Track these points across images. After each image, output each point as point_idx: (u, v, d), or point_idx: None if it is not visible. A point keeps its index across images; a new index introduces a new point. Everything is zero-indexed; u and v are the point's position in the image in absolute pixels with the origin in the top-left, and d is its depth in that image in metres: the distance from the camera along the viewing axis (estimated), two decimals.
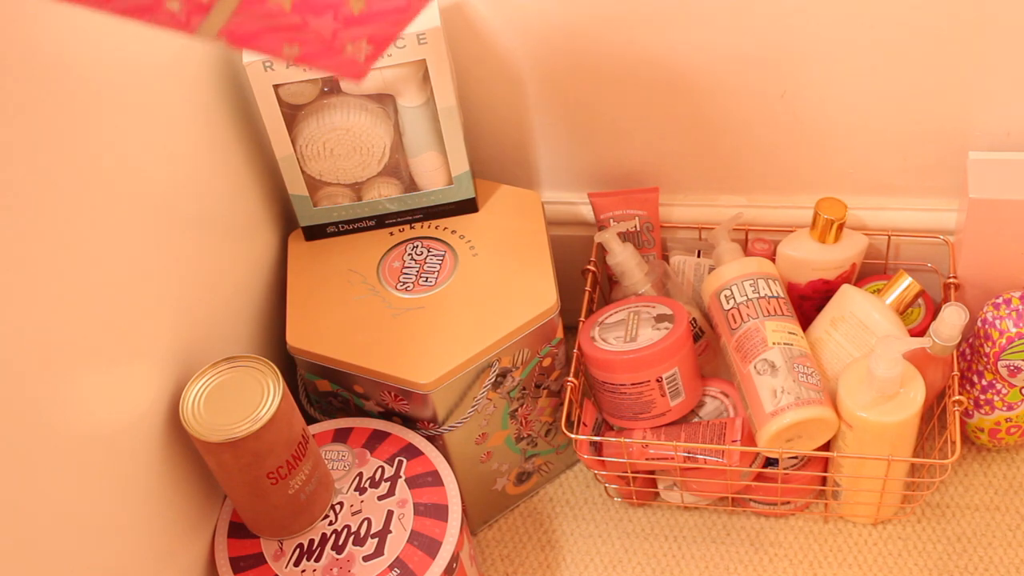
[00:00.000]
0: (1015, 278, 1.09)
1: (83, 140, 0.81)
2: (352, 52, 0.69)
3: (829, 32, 1.01)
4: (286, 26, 0.66)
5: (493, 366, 1.04)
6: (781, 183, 1.16)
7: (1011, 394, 1.10)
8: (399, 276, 1.08)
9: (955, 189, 1.12)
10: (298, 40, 0.67)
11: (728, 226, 1.13)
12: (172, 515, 0.92)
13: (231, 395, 0.90)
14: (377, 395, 1.05)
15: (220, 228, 1.02)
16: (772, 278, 1.09)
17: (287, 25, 0.66)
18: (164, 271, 0.92)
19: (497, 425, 1.10)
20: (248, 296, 1.08)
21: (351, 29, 0.68)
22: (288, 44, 0.68)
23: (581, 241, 1.21)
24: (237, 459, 0.89)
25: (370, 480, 1.02)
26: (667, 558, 1.16)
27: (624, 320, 1.08)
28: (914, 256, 1.16)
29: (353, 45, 0.69)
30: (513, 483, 1.18)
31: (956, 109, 1.06)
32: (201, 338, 0.97)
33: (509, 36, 1.07)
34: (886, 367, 0.98)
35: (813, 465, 1.11)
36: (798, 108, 1.08)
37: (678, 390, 1.06)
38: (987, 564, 1.12)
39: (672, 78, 1.08)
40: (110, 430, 0.83)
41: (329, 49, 0.68)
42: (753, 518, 1.18)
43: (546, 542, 1.19)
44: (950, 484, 1.17)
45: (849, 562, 1.14)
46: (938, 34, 1.00)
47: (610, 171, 1.17)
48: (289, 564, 0.97)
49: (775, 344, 1.04)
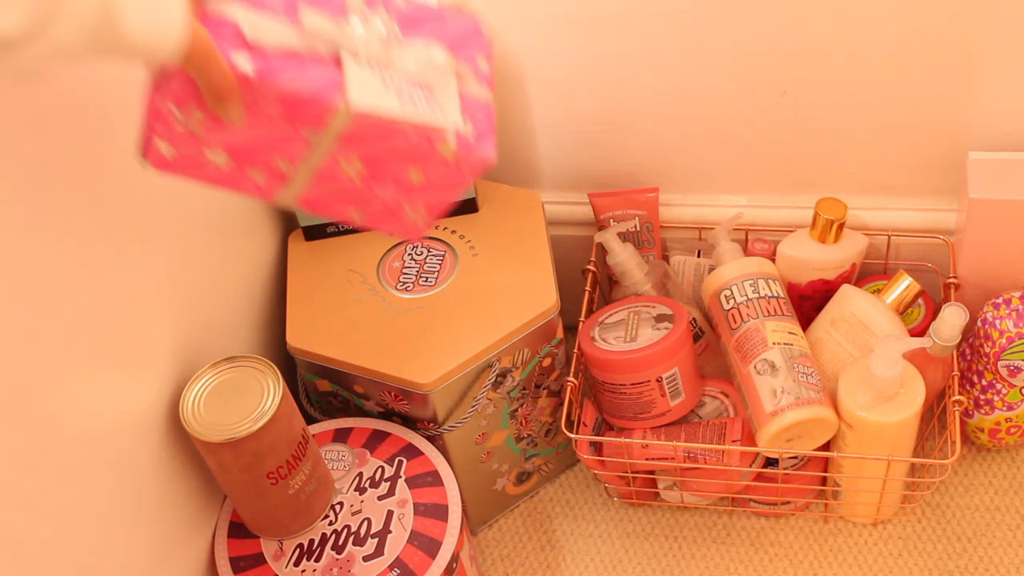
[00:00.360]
0: (1015, 278, 1.09)
1: (83, 139, 0.81)
2: (411, 216, 0.76)
3: (829, 32, 1.01)
4: (354, 195, 0.75)
5: (493, 366, 1.04)
6: (781, 183, 1.16)
7: (1011, 394, 1.10)
8: (399, 276, 1.08)
9: (955, 189, 1.12)
10: (365, 207, 0.75)
11: (728, 226, 1.13)
12: (172, 515, 0.92)
13: (231, 395, 0.90)
14: (377, 395, 1.05)
15: (220, 228, 1.02)
16: (772, 278, 1.09)
17: (355, 195, 0.75)
18: (164, 271, 0.92)
19: (497, 425, 1.10)
20: (248, 296, 1.08)
21: (411, 197, 0.75)
22: (355, 209, 0.75)
23: (581, 241, 1.21)
24: (237, 459, 0.89)
25: (370, 480, 1.02)
26: (667, 558, 1.16)
27: (624, 320, 1.08)
28: (914, 256, 1.16)
29: (412, 210, 0.77)
30: (513, 483, 1.18)
31: (956, 109, 1.06)
32: (201, 338, 0.97)
33: (509, 36, 1.07)
34: (886, 367, 0.98)
35: (813, 465, 1.11)
36: (798, 107, 1.08)
37: (678, 390, 1.06)
38: (987, 564, 1.12)
39: (672, 78, 1.08)
40: (110, 430, 0.83)
41: (391, 214, 0.76)
42: (753, 518, 1.18)
43: (546, 542, 1.19)
44: (950, 484, 1.17)
45: (849, 562, 1.14)
46: (938, 34, 1.00)
47: (610, 171, 1.17)
48: (289, 564, 0.97)
49: (775, 344, 1.04)
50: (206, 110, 0.69)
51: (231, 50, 0.67)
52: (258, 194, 0.75)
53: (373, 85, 0.70)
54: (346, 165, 0.73)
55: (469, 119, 0.73)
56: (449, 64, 0.73)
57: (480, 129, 0.74)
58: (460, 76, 0.74)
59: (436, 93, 0.72)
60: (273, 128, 0.70)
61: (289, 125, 0.70)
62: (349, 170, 0.74)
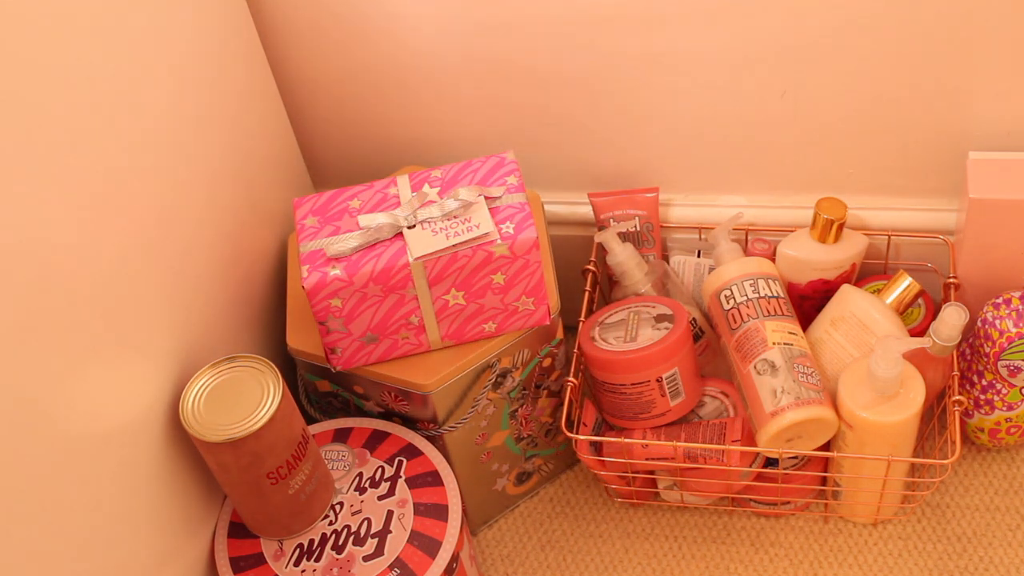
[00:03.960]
0: (1015, 278, 1.09)
1: (83, 139, 0.81)
2: (524, 306, 1.00)
3: (829, 32, 1.01)
4: (475, 316, 0.99)
5: (493, 367, 1.04)
6: (781, 183, 1.16)
7: (1011, 394, 1.10)
8: None
9: (955, 189, 1.12)
10: (490, 319, 1.00)
11: (728, 226, 1.13)
12: (172, 515, 0.92)
13: (231, 395, 0.90)
14: (377, 395, 1.05)
15: (220, 228, 1.02)
16: (772, 278, 1.09)
17: (475, 315, 0.99)
18: (164, 271, 0.92)
19: (497, 425, 1.10)
20: (248, 296, 1.08)
21: (509, 296, 0.98)
22: (486, 325, 1.01)
23: (581, 241, 1.21)
24: (237, 459, 0.89)
25: (370, 480, 1.02)
26: (667, 558, 1.16)
27: (624, 320, 1.08)
28: (914, 256, 1.16)
29: (522, 306, 1.00)
30: (513, 483, 1.18)
31: (956, 109, 1.06)
32: (201, 338, 0.98)
33: (509, 35, 1.07)
34: (886, 367, 0.98)
35: (813, 465, 1.11)
36: (798, 108, 1.08)
37: (678, 390, 1.06)
38: (987, 564, 1.12)
39: (672, 78, 1.08)
40: (110, 430, 0.83)
41: (512, 314, 1.00)
42: (753, 518, 1.18)
43: (546, 542, 1.19)
44: (950, 484, 1.17)
45: (849, 562, 1.14)
46: (938, 34, 1.00)
47: (610, 171, 1.17)
48: (289, 564, 0.97)
49: (775, 344, 1.04)
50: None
51: (327, 268, 0.94)
52: (414, 349, 1.01)
53: (426, 238, 0.94)
54: (451, 299, 0.97)
55: (509, 220, 0.95)
56: (478, 196, 0.96)
57: (519, 224, 0.95)
58: (489, 198, 0.97)
59: (474, 217, 0.95)
60: (386, 304, 0.96)
61: (393, 293, 0.95)
62: (454, 301, 0.97)
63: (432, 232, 0.95)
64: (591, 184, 1.19)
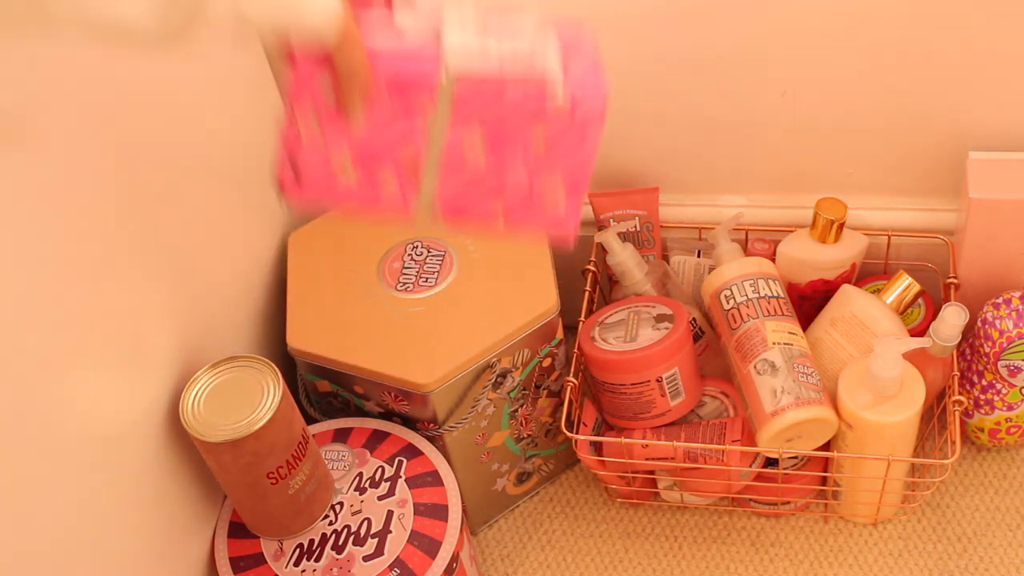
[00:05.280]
0: (1015, 278, 1.09)
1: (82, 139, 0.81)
2: (552, 207, 0.74)
3: (829, 32, 1.01)
4: (488, 185, 0.74)
5: (493, 366, 1.04)
6: (781, 183, 1.16)
7: (1011, 394, 1.10)
8: (399, 276, 1.08)
9: (955, 189, 1.12)
10: (503, 198, 0.74)
11: (728, 226, 1.13)
12: (172, 515, 0.92)
13: (231, 395, 0.90)
14: (377, 396, 1.05)
15: (220, 228, 1.02)
16: (772, 278, 1.09)
17: (489, 185, 0.74)
18: (164, 271, 0.92)
19: (497, 425, 1.10)
20: (248, 296, 1.08)
21: (543, 177, 0.73)
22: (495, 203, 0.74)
23: (581, 241, 1.21)
24: (237, 459, 0.89)
25: (370, 480, 1.02)
26: (667, 558, 1.16)
27: (624, 320, 1.08)
28: (914, 256, 1.16)
29: (551, 199, 0.74)
30: (513, 483, 1.18)
31: (956, 109, 1.06)
32: (201, 338, 0.97)
33: None
34: (886, 367, 0.98)
35: (813, 465, 1.11)
36: (798, 108, 1.08)
37: (678, 390, 1.06)
38: (987, 564, 1.12)
39: (672, 78, 1.08)
40: (110, 430, 0.83)
41: (532, 205, 0.74)
42: (753, 518, 1.18)
43: (546, 542, 1.19)
44: (950, 484, 1.17)
45: (849, 562, 1.14)
46: (938, 34, 1.00)
47: (610, 171, 1.17)
48: (289, 564, 0.97)
49: (775, 344, 1.04)
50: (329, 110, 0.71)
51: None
52: (395, 207, 0.75)
53: (471, 51, 0.70)
54: (468, 142, 0.72)
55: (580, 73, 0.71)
56: (544, 26, 0.72)
57: (593, 82, 0.72)
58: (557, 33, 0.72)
59: (536, 52, 0.71)
60: (392, 123, 0.71)
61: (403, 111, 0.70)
62: (473, 149, 0.72)
63: (481, 48, 0.71)
64: (591, 184, 1.19)
